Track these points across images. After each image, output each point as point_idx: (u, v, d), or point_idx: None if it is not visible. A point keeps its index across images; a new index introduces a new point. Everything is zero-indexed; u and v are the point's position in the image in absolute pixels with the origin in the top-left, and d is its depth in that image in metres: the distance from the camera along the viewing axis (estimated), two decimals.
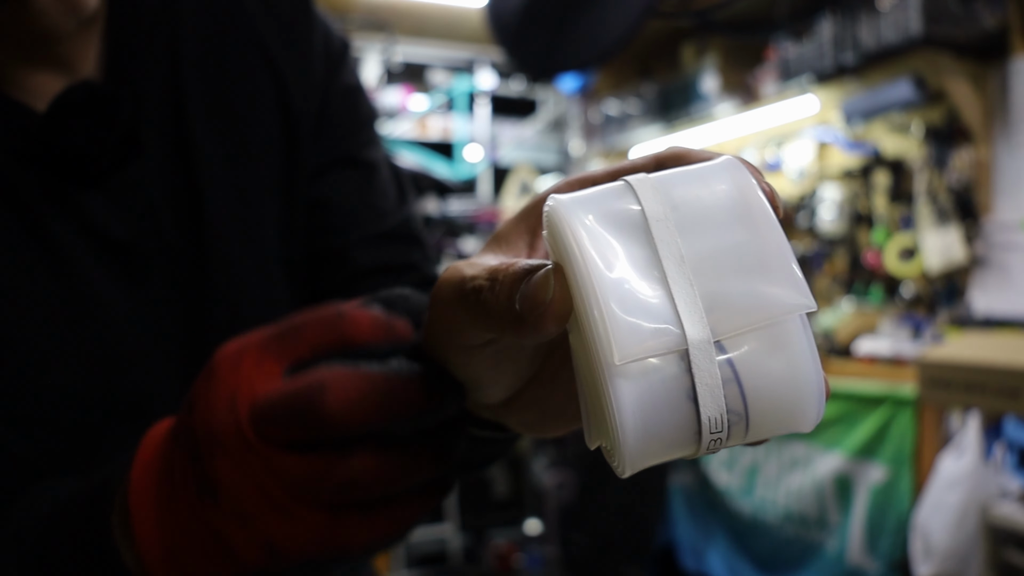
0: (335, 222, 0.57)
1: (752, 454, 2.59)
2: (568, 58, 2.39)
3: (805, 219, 2.94)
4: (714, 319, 0.24)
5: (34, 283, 0.44)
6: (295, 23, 0.56)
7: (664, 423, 0.24)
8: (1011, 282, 2.25)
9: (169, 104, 0.50)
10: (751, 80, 3.10)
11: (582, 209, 0.26)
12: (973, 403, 1.62)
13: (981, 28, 2.21)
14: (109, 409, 0.47)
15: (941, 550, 1.80)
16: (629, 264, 0.25)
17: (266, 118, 0.54)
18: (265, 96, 0.55)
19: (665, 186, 0.27)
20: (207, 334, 0.51)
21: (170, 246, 0.49)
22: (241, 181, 0.53)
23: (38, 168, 0.44)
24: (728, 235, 0.26)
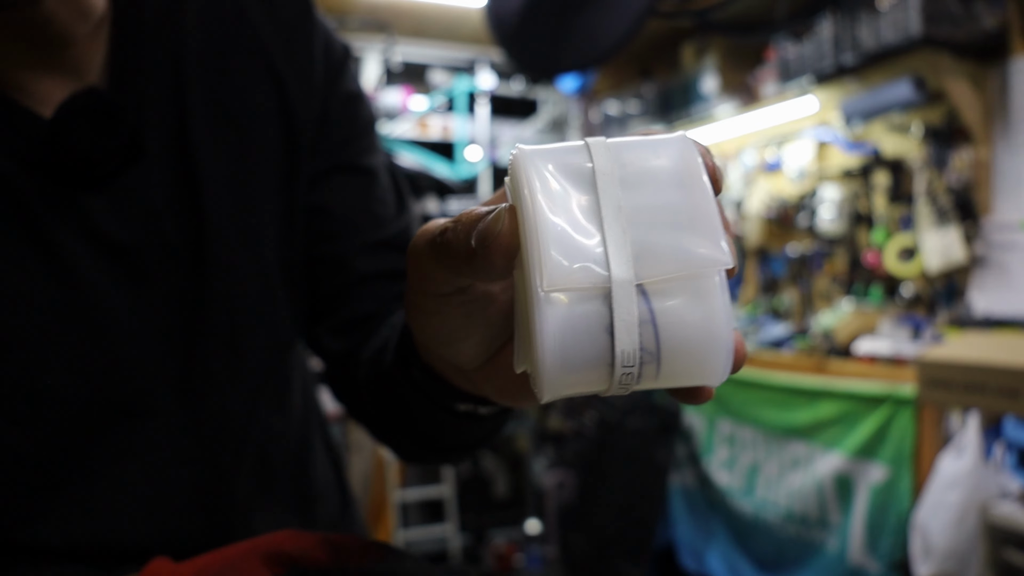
0: (335, 229, 0.58)
1: (753, 454, 2.59)
2: (568, 58, 2.39)
3: (805, 219, 2.94)
4: (640, 265, 0.27)
5: (36, 285, 0.45)
6: (296, 30, 0.57)
7: (582, 352, 0.26)
8: (1011, 282, 2.25)
9: (172, 110, 0.51)
10: (751, 80, 3.10)
11: (540, 159, 0.28)
12: (973, 403, 1.62)
13: (981, 28, 2.21)
14: (108, 409, 0.48)
15: (941, 550, 1.80)
16: (574, 209, 0.27)
17: (267, 124, 0.55)
18: (267, 103, 0.55)
19: (618, 149, 0.29)
20: (206, 337, 0.51)
21: (171, 249, 0.50)
22: (242, 186, 0.53)
23: (42, 172, 0.45)
24: (665, 195, 0.28)
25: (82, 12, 0.46)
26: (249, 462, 0.54)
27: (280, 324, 0.56)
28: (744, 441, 2.63)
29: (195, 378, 0.51)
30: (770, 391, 2.51)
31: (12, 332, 0.44)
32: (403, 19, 3.41)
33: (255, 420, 0.54)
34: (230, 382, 0.52)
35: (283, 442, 0.57)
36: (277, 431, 0.57)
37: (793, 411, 2.42)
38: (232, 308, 0.52)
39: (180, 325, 0.50)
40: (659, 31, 3.51)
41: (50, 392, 0.46)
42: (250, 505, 0.54)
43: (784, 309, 3.17)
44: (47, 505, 0.46)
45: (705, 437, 2.81)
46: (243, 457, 0.53)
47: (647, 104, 3.57)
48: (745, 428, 2.63)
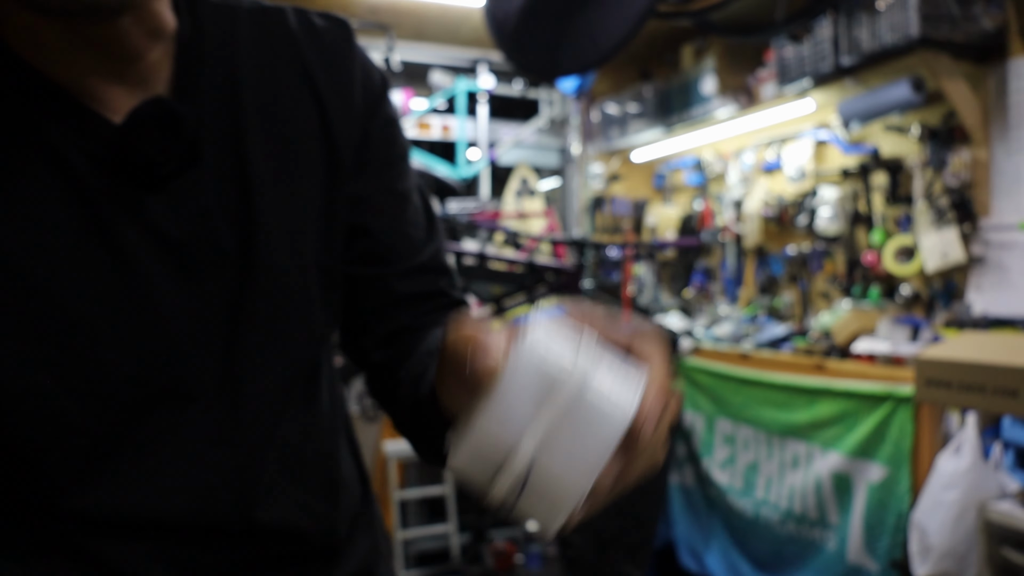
0: (377, 251, 0.64)
1: (752, 453, 2.60)
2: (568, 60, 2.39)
3: (804, 219, 2.95)
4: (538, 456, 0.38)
5: (101, 274, 0.50)
6: (338, 56, 0.62)
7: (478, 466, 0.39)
8: (1009, 282, 2.26)
9: (227, 122, 0.56)
10: (750, 81, 3.11)
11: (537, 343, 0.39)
12: (971, 403, 1.63)
13: (979, 29, 2.21)
14: (156, 390, 0.53)
15: (939, 549, 1.80)
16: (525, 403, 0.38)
17: (311, 142, 0.60)
18: (310, 120, 0.60)
19: (595, 365, 0.39)
20: (247, 330, 0.56)
21: (220, 248, 0.55)
22: (287, 195, 0.58)
23: (111, 172, 0.50)
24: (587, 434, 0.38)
25: (151, 31, 0.51)
26: (279, 448, 0.59)
27: (315, 322, 0.61)
28: (743, 441, 2.64)
29: (235, 367, 0.56)
30: (769, 391, 2.52)
31: (79, 315, 0.50)
32: (403, 20, 3.42)
33: (287, 410, 0.59)
34: (266, 373, 0.57)
35: (312, 432, 0.62)
36: (307, 421, 0.62)
37: (792, 411, 2.43)
38: (272, 305, 0.57)
39: (224, 318, 0.55)
40: (659, 32, 3.52)
41: (107, 371, 0.51)
42: (277, 488, 0.58)
43: (783, 309, 3.18)
44: (96, 475, 0.52)
45: (704, 437, 2.81)
46: (274, 443, 0.58)
47: (647, 105, 3.58)
48: (744, 428, 2.63)
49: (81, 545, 0.52)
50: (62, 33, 0.48)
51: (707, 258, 3.71)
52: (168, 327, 0.53)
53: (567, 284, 3.00)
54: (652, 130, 3.54)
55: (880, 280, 2.70)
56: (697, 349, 2.92)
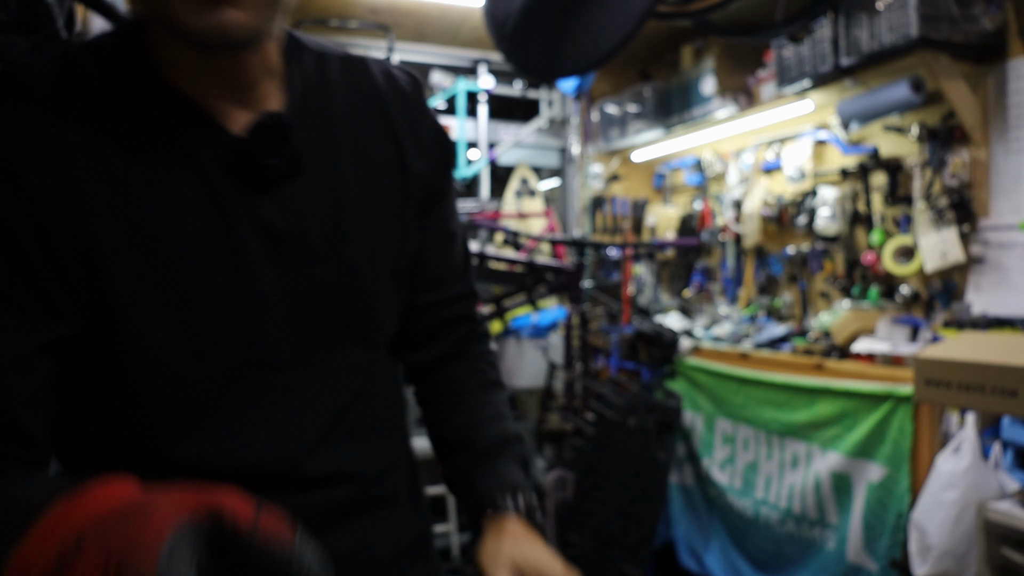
0: (427, 281, 0.80)
1: (752, 453, 2.60)
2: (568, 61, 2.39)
3: (803, 219, 2.95)
4: None
5: (218, 255, 0.62)
6: (412, 104, 0.77)
7: None
8: (1008, 282, 2.26)
9: (322, 145, 0.69)
10: (750, 81, 3.11)
11: None
12: (970, 402, 1.63)
13: (979, 30, 2.22)
14: (252, 358, 0.64)
15: (938, 548, 1.81)
16: None
17: (390, 171, 0.74)
18: (389, 155, 0.74)
19: None
20: (326, 315, 0.68)
21: (310, 245, 0.66)
22: (369, 211, 0.71)
23: (233, 173, 0.63)
24: None
25: (264, 66, 0.65)
26: (345, 414, 0.71)
27: (383, 319, 0.74)
28: (743, 440, 2.65)
29: (316, 346, 0.67)
30: (769, 391, 2.52)
31: (200, 288, 0.61)
32: (404, 20, 3.42)
33: (353, 384, 0.71)
34: (338, 353, 0.69)
35: (374, 402, 0.74)
36: (369, 394, 0.74)
37: (791, 411, 2.43)
38: (349, 299, 0.69)
39: (309, 301, 0.66)
40: (659, 32, 3.52)
41: (217, 337, 0.62)
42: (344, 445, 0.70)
43: (782, 309, 3.18)
44: (199, 429, 0.63)
45: (704, 436, 2.82)
46: (341, 410, 0.70)
47: (646, 105, 3.58)
48: (744, 427, 2.64)
49: None
50: (199, 63, 0.61)
51: (707, 258, 3.71)
52: (265, 306, 0.64)
53: (567, 284, 3.01)
54: (652, 130, 3.54)
55: (879, 280, 2.70)
56: (697, 349, 2.93)
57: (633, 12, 2.28)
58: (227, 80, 0.63)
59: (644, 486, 2.79)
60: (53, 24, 1.41)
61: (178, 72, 0.62)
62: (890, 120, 2.56)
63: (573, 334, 3.04)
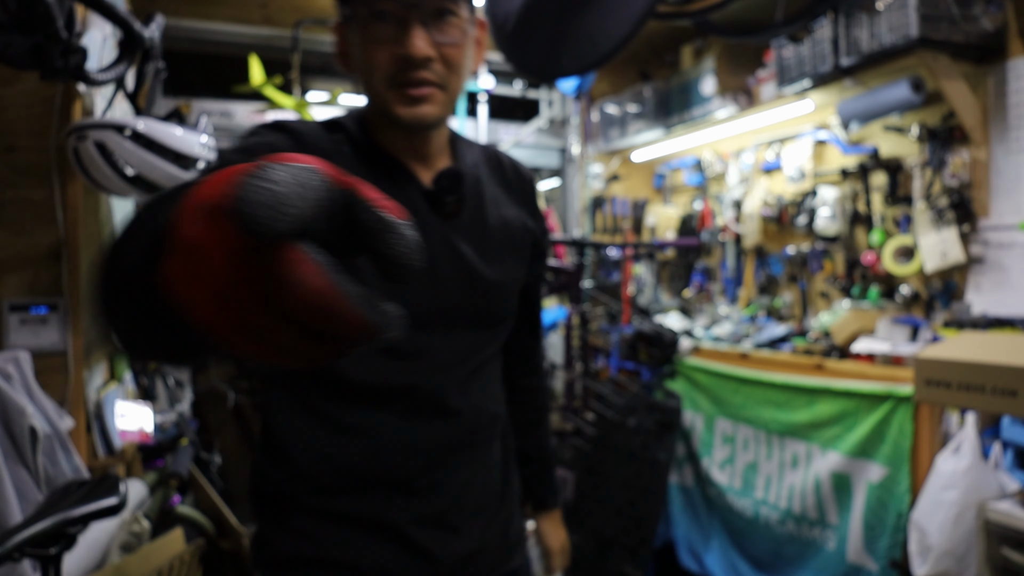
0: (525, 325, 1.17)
1: (751, 453, 2.60)
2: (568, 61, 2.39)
3: (803, 219, 2.95)
4: None
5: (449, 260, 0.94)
6: (529, 188, 1.11)
7: None
8: (1008, 282, 2.26)
9: (474, 201, 0.99)
10: (750, 81, 3.11)
11: None
12: (970, 402, 1.63)
13: (978, 30, 2.22)
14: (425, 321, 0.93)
15: (938, 548, 1.81)
16: None
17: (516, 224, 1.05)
18: (516, 214, 1.06)
19: None
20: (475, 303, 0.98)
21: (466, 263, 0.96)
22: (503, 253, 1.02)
23: (427, 208, 0.94)
24: None
25: (440, 143, 0.98)
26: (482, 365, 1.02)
27: (505, 318, 1.05)
28: (743, 440, 2.65)
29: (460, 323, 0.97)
30: (769, 391, 2.53)
31: (441, 280, 0.93)
32: None
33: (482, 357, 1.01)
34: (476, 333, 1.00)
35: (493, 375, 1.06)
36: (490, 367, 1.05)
37: (791, 411, 2.43)
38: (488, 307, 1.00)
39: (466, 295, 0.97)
40: (659, 33, 3.52)
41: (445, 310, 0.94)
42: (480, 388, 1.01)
43: (782, 309, 3.18)
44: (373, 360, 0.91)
45: (704, 436, 2.82)
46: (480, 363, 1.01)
47: (646, 105, 3.58)
48: (743, 427, 2.64)
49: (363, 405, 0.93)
50: (402, 138, 0.94)
51: (707, 258, 3.71)
52: (445, 291, 0.94)
53: (567, 284, 3.01)
54: (652, 130, 3.54)
55: (879, 280, 2.70)
56: (697, 349, 2.93)
57: (633, 12, 2.28)
58: (419, 150, 0.95)
59: (644, 486, 2.79)
60: (53, 24, 1.41)
61: (389, 144, 0.95)
62: (890, 120, 2.56)
63: (573, 334, 3.04)
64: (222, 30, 3.38)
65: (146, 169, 1.74)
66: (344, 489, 0.92)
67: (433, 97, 0.89)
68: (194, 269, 0.33)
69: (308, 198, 0.32)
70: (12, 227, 1.86)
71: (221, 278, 0.32)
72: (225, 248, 0.32)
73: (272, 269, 0.31)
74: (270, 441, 0.95)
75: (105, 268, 0.48)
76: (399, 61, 0.87)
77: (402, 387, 0.92)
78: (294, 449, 0.92)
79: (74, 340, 1.89)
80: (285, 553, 0.93)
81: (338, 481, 0.92)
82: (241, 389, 3.44)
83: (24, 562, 1.44)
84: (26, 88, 1.86)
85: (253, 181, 0.31)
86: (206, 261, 0.32)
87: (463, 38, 0.91)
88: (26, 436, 1.57)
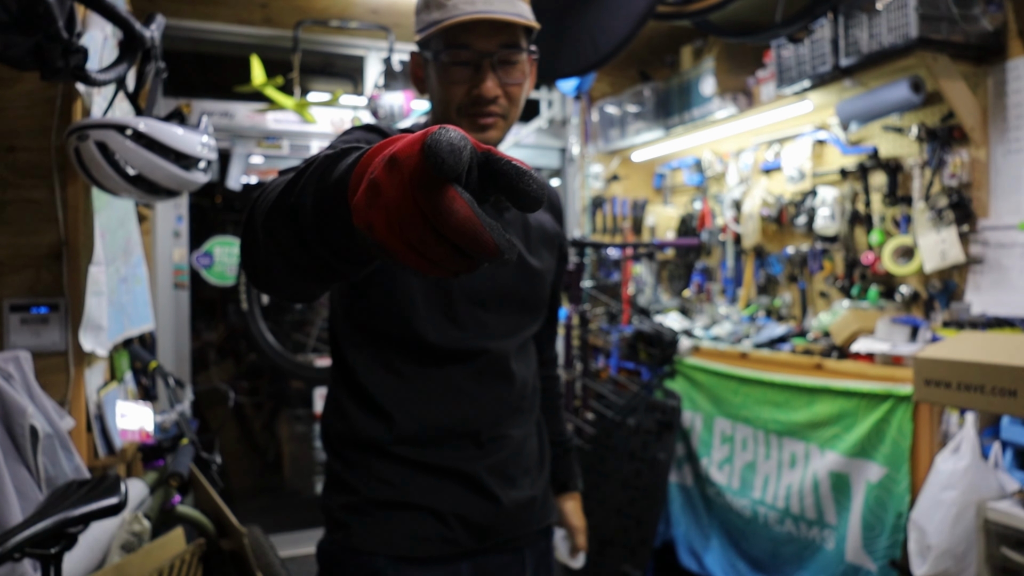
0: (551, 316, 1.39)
1: (750, 452, 2.60)
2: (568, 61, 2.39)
3: (803, 219, 2.96)
4: None
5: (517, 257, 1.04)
6: (553, 194, 1.26)
7: None
8: (1008, 282, 2.26)
9: None
10: (749, 82, 3.11)
11: None
12: (970, 402, 1.63)
13: (978, 30, 2.22)
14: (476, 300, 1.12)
15: (938, 548, 1.81)
16: None
17: (549, 230, 1.24)
18: (550, 221, 1.25)
19: None
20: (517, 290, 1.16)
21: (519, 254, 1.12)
22: (540, 247, 1.20)
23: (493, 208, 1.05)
24: None
25: None
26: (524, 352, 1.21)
27: (542, 304, 1.22)
28: (741, 440, 2.65)
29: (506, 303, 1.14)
30: (768, 390, 2.53)
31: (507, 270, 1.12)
32: (404, 21, 3.42)
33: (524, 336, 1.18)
34: (520, 314, 1.17)
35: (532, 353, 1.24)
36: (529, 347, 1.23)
37: (791, 410, 2.43)
38: (532, 291, 1.18)
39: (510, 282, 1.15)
40: (658, 33, 3.52)
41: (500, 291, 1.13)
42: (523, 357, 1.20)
43: (782, 309, 3.19)
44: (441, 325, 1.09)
45: (703, 436, 2.82)
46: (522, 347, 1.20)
47: (646, 105, 3.58)
48: (742, 427, 2.64)
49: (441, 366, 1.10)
50: None
51: (706, 258, 3.71)
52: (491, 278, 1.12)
53: (567, 284, 3.01)
54: (652, 130, 3.54)
55: (879, 280, 2.70)
56: (696, 349, 2.93)
57: (633, 13, 2.28)
58: None
59: (644, 486, 2.79)
60: (53, 24, 1.41)
61: None
62: (890, 120, 2.56)
63: (573, 334, 3.04)
64: (222, 30, 3.38)
65: (147, 169, 1.74)
66: (427, 441, 1.08)
67: (497, 124, 1.10)
68: (378, 201, 0.43)
69: (468, 150, 0.42)
70: (13, 227, 1.87)
71: (399, 207, 0.42)
72: (406, 186, 0.42)
73: (437, 202, 0.41)
74: (360, 397, 1.10)
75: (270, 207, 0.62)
76: (473, 98, 1.07)
77: (474, 350, 1.10)
78: (387, 405, 1.07)
79: (74, 340, 1.89)
80: (369, 497, 1.07)
81: (422, 434, 1.08)
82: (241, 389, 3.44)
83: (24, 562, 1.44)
84: (26, 88, 1.86)
85: (439, 136, 0.41)
86: (389, 196, 0.43)
87: (523, 77, 1.11)
88: (26, 436, 1.57)
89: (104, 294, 2.02)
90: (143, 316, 2.54)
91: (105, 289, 2.03)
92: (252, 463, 4.27)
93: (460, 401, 1.09)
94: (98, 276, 1.99)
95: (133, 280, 2.44)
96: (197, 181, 1.86)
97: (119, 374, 2.31)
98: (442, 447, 1.08)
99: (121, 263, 2.30)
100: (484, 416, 1.11)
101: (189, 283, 3.43)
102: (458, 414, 1.09)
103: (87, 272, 1.92)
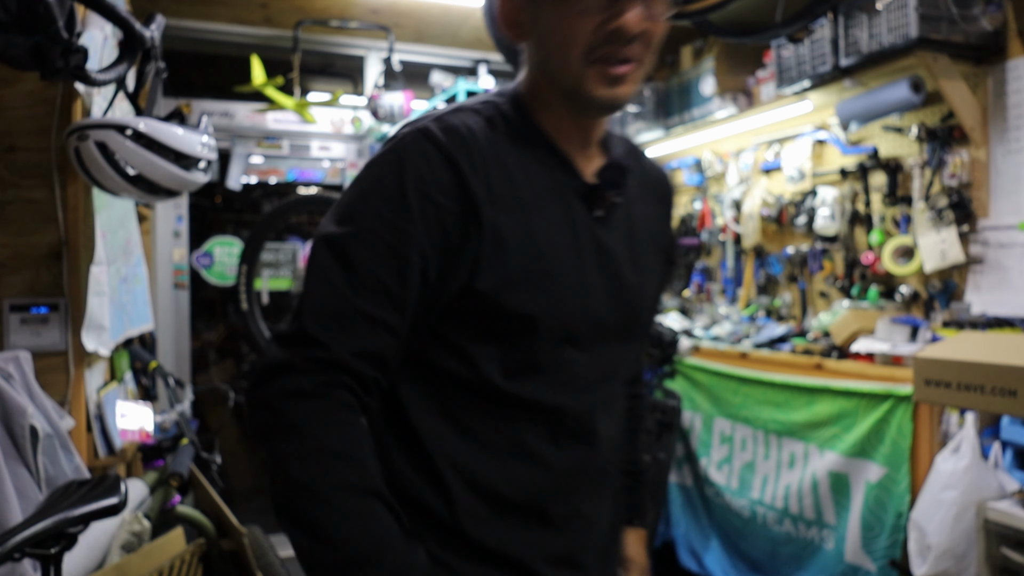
0: None
1: (749, 452, 2.60)
2: None
3: (803, 219, 2.96)
4: None
5: (567, 259, 0.85)
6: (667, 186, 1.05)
7: None
8: (1008, 282, 2.26)
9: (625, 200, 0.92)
10: (749, 82, 3.11)
11: None
12: (970, 402, 1.63)
13: (978, 30, 2.22)
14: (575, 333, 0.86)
15: (938, 548, 1.81)
16: None
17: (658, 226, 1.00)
18: (658, 214, 1.01)
19: None
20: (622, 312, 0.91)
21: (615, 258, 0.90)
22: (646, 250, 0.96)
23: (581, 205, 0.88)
24: None
25: (603, 129, 0.93)
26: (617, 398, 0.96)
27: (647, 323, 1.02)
28: (741, 440, 2.65)
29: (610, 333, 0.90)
30: (768, 390, 2.53)
31: (556, 279, 0.83)
32: (404, 21, 3.43)
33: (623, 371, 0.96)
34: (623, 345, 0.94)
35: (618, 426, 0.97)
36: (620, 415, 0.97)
37: (790, 410, 2.43)
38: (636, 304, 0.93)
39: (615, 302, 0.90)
40: None
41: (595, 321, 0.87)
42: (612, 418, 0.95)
43: (782, 309, 3.19)
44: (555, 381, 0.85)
45: (702, 436, 2.82)
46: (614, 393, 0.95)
47: (646, 105, 3.58)
48: (741, 427, 2.64)
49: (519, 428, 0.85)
50: (568, 123, 0.88)
51: (707, 258, 3.71)
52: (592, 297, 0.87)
53: None
54: (652, 130, 3.54)
55: (879, 280, 2.70)
56: (696, 348, 2.93)
57: None
58: (584, 136, 0.89)
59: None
60: (54, 24, 1.41)
61: (553, 130, 0.88)
62: (889, 120, 2.56)
63: None
64: (222, 30, 3.38)
65: (147, 169, 1.74)
66: (482, 516, 0.82)
67: (632, 77, 0.82)
68: None
69: None
70: (13, 227, 1.87)
71: None
72: None
73: None
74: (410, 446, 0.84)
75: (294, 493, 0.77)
76: (608, 34, 0.78)
77: (549, 405, 0.84)
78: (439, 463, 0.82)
79: (74, 340, 1.89)
80: None
81: (478, 506, 0.82)
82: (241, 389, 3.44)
83: (24, 562, 1.44)
84: (26, 88, 1.86)
85: None
86: None
87: (664, 15, 0.83)
88: (26, 436, 1.57)
89: (106, 294, 2.02)
90: (143, 316, 2.54)
91: (107, 289, 2.04)
92: (252, 463, 4.28)
93: (527, 467, 0.84)
94: (100, 276, 1.99)
95: (133, 280, 2.44)
96: (197, 181, 1.87)
97: (119, 374, 2.31)
98: (499, 524, 0.84)
99: (121, 263, 2.30)
100: (554, 487, 0.86)
101: (189, 283, 3.44)
102: (522, 484, 0.84)
103: (88, 272, 1.92)
